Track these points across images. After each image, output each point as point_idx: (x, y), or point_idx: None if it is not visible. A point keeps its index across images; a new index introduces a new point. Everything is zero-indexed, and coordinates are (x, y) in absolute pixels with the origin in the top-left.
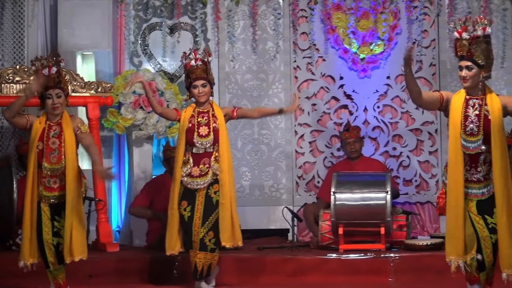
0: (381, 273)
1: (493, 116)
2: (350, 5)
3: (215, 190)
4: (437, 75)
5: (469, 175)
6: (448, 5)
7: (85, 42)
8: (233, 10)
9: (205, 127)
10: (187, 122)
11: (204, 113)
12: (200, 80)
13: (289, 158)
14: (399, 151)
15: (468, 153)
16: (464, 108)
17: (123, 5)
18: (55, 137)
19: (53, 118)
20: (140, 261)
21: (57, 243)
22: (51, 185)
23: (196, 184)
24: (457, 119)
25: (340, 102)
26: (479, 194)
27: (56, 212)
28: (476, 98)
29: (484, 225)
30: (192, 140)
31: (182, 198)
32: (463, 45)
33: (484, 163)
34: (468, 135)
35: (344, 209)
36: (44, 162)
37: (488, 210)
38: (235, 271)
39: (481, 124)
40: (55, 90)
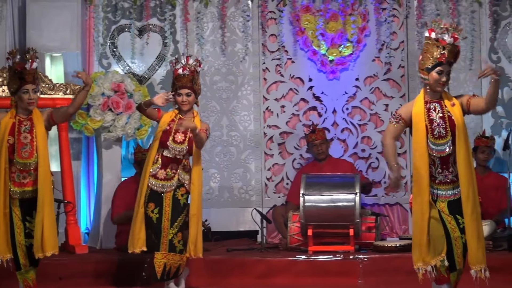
0: (350, 274)
1: (455, 117)
2: (319, 7)
3: (182, 192)
4: (406, 77)
5: (442, 177)
6: (417, 7)
7: (53, 44)
8: (202, 12)
9: (181, 134)
10: (166, 125)
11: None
12: (185, 89)
13: (258, 160)
14: (368, 153)
15: (439, 156)
16: (427, 112)
17: (92, 7)
18: (26, 132)
19: (24, 114)
20: (109, 263)
21: (29, 244)
22: (21, 180)
23: (160, 187)
24: (421, 124)
25: (309, 104)
26: (452, 194)
27: (27, 213)
28: (435, 101)
29: (456, 225)
30: (166, 142)
31: (149, 200)
32: (450, 51)
33: (455, 163)
34: (436, 139)
35: (313, 211)
36: (15, 157)
37: (459, 210)
38: (205, 272)
39: (448, 126)
40: (32, 85)
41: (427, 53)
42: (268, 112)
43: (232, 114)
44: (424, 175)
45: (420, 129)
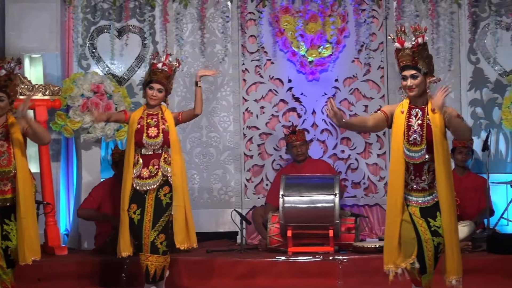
0: (330, 275)
1: (434, 125)
2: (298, 8)
3: (164, 192)
4: (385, 78)
5: (414, 184)
6: (396, 8)
7: (32, 45)
8: (182, 13)
9: (154, 128)
10: (136, 123)
11: (153, 115)
12: (158, 84)
13: (238, 161)
14: (347, 154)
15: (413, 162)
16: (407, 118)
17: (71, 7)
18: (2, 139)
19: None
20: (88, 265)
21: (6, 247)
22: (1, 187)
23: (146, 186)
24: (400, 129)
25: (289, 105)
26: (424, 202)
27: (6, 216)
28: (419, 107)
29: (427, 227)
30: (141, 140)
31: (132, 201)
32: (407, 55)
33: (428, 171)
34: (411, 145)
35: (292, 212)
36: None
37: (431, 214)
38: (185, 274)
39: (424, 134)
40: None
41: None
42: (247, 113)
43: (212, 115)
44: (399, 179)
45: (398, 133)
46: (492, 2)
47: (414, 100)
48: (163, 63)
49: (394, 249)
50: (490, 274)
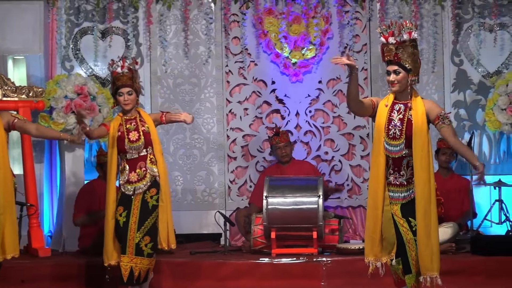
0: (314, 277)
1: (415, 120)
2: (281, 10)
3: (151, 194)
4: (369, 80)
5: (393, 179)
6: (380, 10)
7: (16, 46)
8: (165, 15)
9: (134, 132)
10: (116, 131)
11: (131, 120)
12: (126, 87)
13: (222, 163)
14: (331, 156)
15: (392, 156)
16: (389, 112)
17: (54, 9)
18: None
19: None
20: (72, 266)
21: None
22: None
23: (137, 189)
24: (382, 123)
25: (272, 107)
26: (401, 197)
27: None
28: (402, 102)
29: (408, 227)
30: (123, 147)
31: (119, 204)
32: (390, 50)
33: (407, 167)
34: (390, 139)
35: (276, 214)
36: None
37: (411, 213)
38: (168, 275)
39: (404, 128)
40: None
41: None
42: (231, 114)
43: (195, 116)
44: (379, 171)
45: (380, 126)
46: (475, 4)
47: (398, 95)
48: (121, 66)
49: (375, 241)
50: (473, 276)
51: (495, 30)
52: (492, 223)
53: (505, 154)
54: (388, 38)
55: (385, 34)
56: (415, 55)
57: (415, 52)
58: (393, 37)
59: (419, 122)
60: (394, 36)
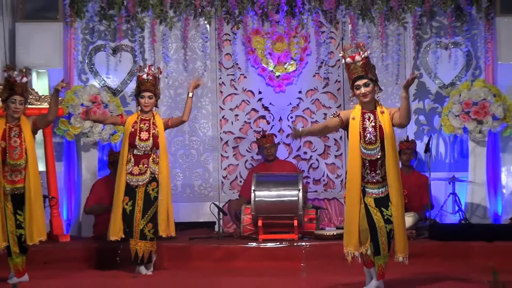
0: (295, 259)
1: (385, 126)
2: (267, 30)
3: (153, 187)
4: (342, 90)
5: (370, 177)
6: (351, 31)
7: (39, 61)
8: (167, 34)
9: (145, 133)
10: (130, 127)
11: (146, 121)
12: (148, 92)
13: (216, 161)
14: (309, 155)
15: (369, 159)
16: (362, 121)
17: (72, 29)
18: (16, 136)
19: (12, 121)
20: (88, 250)
21: (20, 234)
22: (13, 178)
23: (136, 181)
24: (356, 131)
25: (259, 113)
26: (378, 192)
27: (18, 207)
28: (370, 112)
29: (381, 216)
30: (134, 142)
31: (125, 194)
32: (358, 67)
33: (381, 166)
34: (367, 144)
35: (262, 205)
36: (7, 159)
37: (384, 204)
38: (170, 258)
39: (378, 134)
40: (20, 97)
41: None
42: (224, 120)
43: (193, 121)
44: (356, 173)
45: (355, 134)
46: (433, 25)
47: (365, 106)
48: (147, 73)
49: (353, 233)
50: (431, 258)
51: (449, 48)
52: (447, 213)
53: (458, 154)
54: (355, 57)
55: (351, 55)
56: (374, 68)
57: (373, 65)
58: (359, 56)
59: (388, 128)
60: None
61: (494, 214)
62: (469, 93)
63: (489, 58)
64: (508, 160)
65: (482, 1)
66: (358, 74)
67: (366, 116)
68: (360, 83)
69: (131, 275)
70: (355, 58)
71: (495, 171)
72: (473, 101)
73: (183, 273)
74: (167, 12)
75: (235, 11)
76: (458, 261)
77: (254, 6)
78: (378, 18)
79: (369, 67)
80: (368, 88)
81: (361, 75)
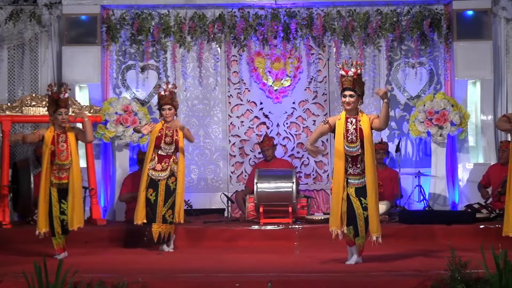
0: (289, 239)
1: (364, 129)
2: (267, 52)
3: (172, 181)
4: (328, 102)
5: (352, 170)
6: (335, 53)
7: (81, 78)
8: (185, 56)
9: (169, 138)
10: (157, 132)
11: (170, 128)
12: (167, 105)
13: (225, 159)
14: (301, 154)
15: (351, 155)
16: (345, 124)
17: (108, 52)
18: (63, 141)
19: (60, 129)
20: (121, 232)
21: (63, 219)
22: (59, 175)
23: (157, 176)
24: (341, 132)
25: (260, 120)
26: (358, 183)
27: (63, 197)
28: (353, 117)
29: (359, 204)
30: (159, 144)
31: (149, 186)
32: (349, 80)
33: (361, 161)
34: (349, 143)
35: (263, 195)
36: (56, 160)
37: (362, 194)
38: (188, 238)
39: (358, 135)
40: (64, 109)
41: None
42: (232, 126)
43: (206, 127)
44: (341, 167)
45: (340, 135)
46: (402, 48)
47: (349, 112)
48: (164, 89)
49: (337, 217)
50: (401, 238)
51: (415, 67)
52: (414, 201)
53: (423, 153)
54: (348, 71)
55: (346, 69)
56: (363, 84)
57: (362, 82)
58: (351, 71)
59: (367, 130)
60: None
61: (452, 203)
62: (431, 104)
63: (448, 75)
64: (463, 158)
65: (442, 28)
66: (347, 86)
67: (349, 121)
68: (347, 93)
69: (157, 252)
70: (348, 73)
71: (453, 167)
72: (435, 110)
73: (198, 250)
74: (185, 37)
75: (241, 37)
76: (423, 240)
77: (256, 33)
78: (357, 42)
79: (358, 82)
80: (352, 99)
81: (349, 87)
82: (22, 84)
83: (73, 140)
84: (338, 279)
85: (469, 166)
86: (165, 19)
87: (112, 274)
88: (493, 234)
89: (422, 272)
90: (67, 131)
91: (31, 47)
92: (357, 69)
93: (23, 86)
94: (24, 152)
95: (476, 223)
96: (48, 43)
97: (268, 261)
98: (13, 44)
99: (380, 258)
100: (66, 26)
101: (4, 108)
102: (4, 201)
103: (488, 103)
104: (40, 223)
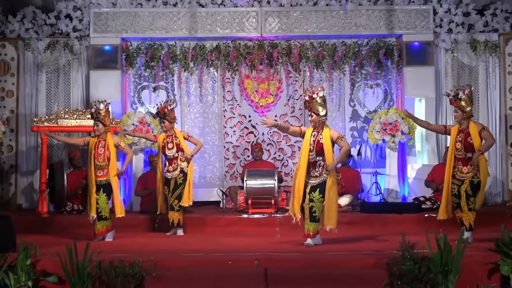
0: (272, 225)
1: (324, 141)
2: (254, 76)
3: (179, 177)
4: (303, 116)
5: (312, 173)
6: (309, 76)
7: (105, 96)
8: (189, 78)
9: (171, 144)
10: (161, 142)
11: (170, 136)
12: (162, 119)
13: (221, 161)
14: (282, 157)
15: (312, 161)
16: (311, 136)
17: (126, 75)
18: (102, 147)
19: (100, 136)
20: (136, 219)
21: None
22: (98, 174)
23: (171, 175)
24: (307, 142)
25: (249, 130)
26: (314, 183)
27: (98, 190)
28: (316, 131)
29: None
30: (165, 151)
31: (165, 184)
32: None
33: (319, 166)
34: (311, 151)
35: (251, 189)
36: (95, 161)
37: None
38: (192, 225)
39: (315, 145)
40: (97, 122)
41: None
42: (226, 134)
43: (206, 135)
44: (303, 169)
45: (305, 145)
46: (362, 72)
47: (314, 127)
48: (161, 107)
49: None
50: (361, 225)
51: (373, 87)
52: (372, 195)
53: (379, 156)
54: (312, 96)
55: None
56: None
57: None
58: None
59: (327, 142)
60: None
61: (403, 196)
62: (386, 117)
63: (399, 93)
64: (411, 160)
65: (394, 56)
66: (307, 108)
67: (313, 133)
68: (309, 113)
69: (166, 236)
70: (313, 96)
71: (403, 167)
72: (388, 122)
73: (200, 235)
74: (189, 64)
75: (234, 63)
76: (379, 227)
77: (246, 60)
78: (326, 68)
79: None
80: (312, 118)
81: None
82: (58, 101)
83: (112, 146)
84: (310, 257)
85: (416, 167)
86: (172, 49)
87: (129, 254)
88: (435, 222)
89: (379, 252)
90: (107, 138)
91: (64, 71)
92: (317, 92)
93: (58, 102)
94: (58, 155)
95: (422, 212)
96: (79, 68)
97: (255, 243)
98: (50, 68)
99: (344, 241)
100: (93, 54)
101: (43, 120)
102: (43, 195)
103: (431, 116)
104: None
